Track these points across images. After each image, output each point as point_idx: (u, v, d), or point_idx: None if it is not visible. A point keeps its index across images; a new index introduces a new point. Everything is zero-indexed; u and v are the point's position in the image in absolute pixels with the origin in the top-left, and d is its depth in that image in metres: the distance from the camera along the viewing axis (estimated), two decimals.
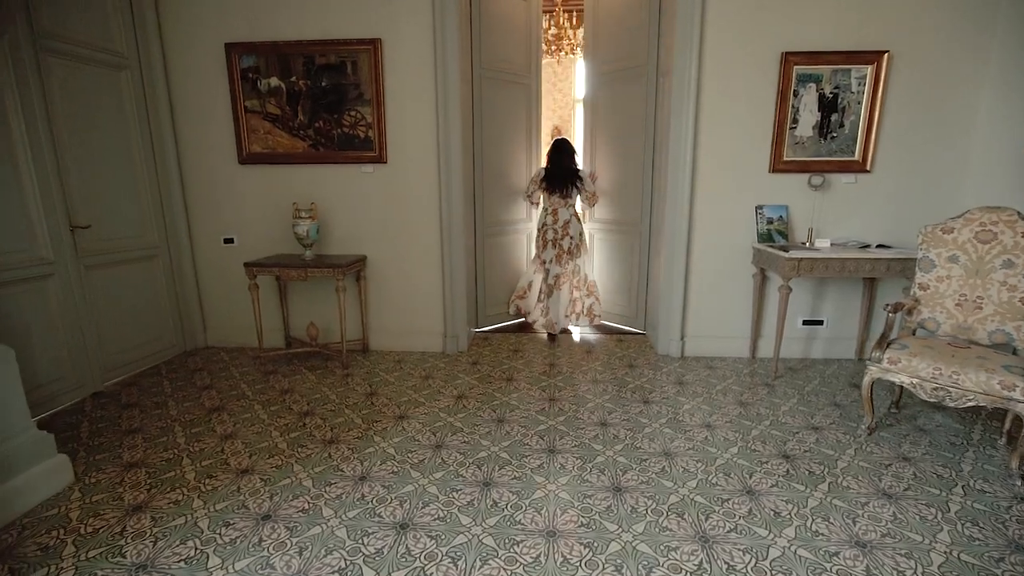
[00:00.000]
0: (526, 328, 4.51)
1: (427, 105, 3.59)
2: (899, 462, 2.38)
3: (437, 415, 2.88)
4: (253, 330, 3.79)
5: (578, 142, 4.91)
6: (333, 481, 2.24)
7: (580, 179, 4.14)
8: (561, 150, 4.16)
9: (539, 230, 4.23)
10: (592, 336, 4.33)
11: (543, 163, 4.38)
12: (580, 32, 6.49)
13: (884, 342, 2.54)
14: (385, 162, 3.69)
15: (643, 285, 4.30)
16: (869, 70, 3.31)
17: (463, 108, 3.72)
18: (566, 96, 8.79)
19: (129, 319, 3.48)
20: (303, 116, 3.65)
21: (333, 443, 2.58)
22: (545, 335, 4.31)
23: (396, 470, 2.33)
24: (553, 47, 6.31)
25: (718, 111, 3.46)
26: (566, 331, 4.40)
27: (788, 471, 2.31)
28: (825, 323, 3.73)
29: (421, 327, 3.95)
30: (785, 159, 3.48)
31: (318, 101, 3.62)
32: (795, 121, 3.42)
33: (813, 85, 3.37)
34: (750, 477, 2.26)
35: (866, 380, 2.54)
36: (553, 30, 6.54)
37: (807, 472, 2.30)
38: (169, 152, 3.73)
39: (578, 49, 6.44)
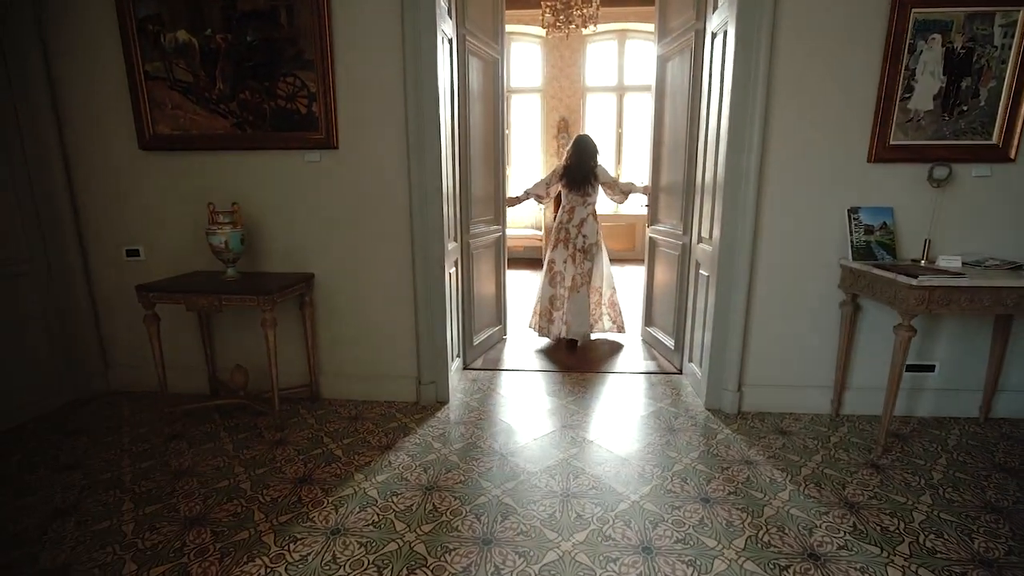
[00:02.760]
0: (525, 356, 3.52)
1: (392, 69, 2.61)
2: None
3: (391, 527, 1.89)
4: (172, 368, 2.82)
5: (600, 139, 4.28)
6: None
7: (596, 176, 3.84)
8: (582, 146, 3.86)
9: (555, 229, 3.94)
10: (617, 378, 3.33)
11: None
12: None
13: None
14: (335, 147, 2.70)
15: (684, 314, 3.30)
16: (1022, 15, 2.31)
17: (443, 75, 2.73)
18: (575, 84, 7.80)
19: None
20: (223, 84, 2.67)
21: None
22: (564, 342, 3.95)
23: None
24: (560, 16, 5.29)
25: (797, 80, 2.46)
26: (580, 339, 3.93)
27: None
28: (936, 369, 2.73)
29: (387, 369, 2.97)
30: (892, 143, 2.48)
31: (243, 63, 2.64)
32: (909, 90, 2.43)
33: (938, 37, 2.37)
34: None
35: None
36: None
37: None
38: (47, 134, 2.76)
39: (592, 22, 5.42)
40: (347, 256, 2.85)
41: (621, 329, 4.02)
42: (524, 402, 2.95)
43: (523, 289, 6.04)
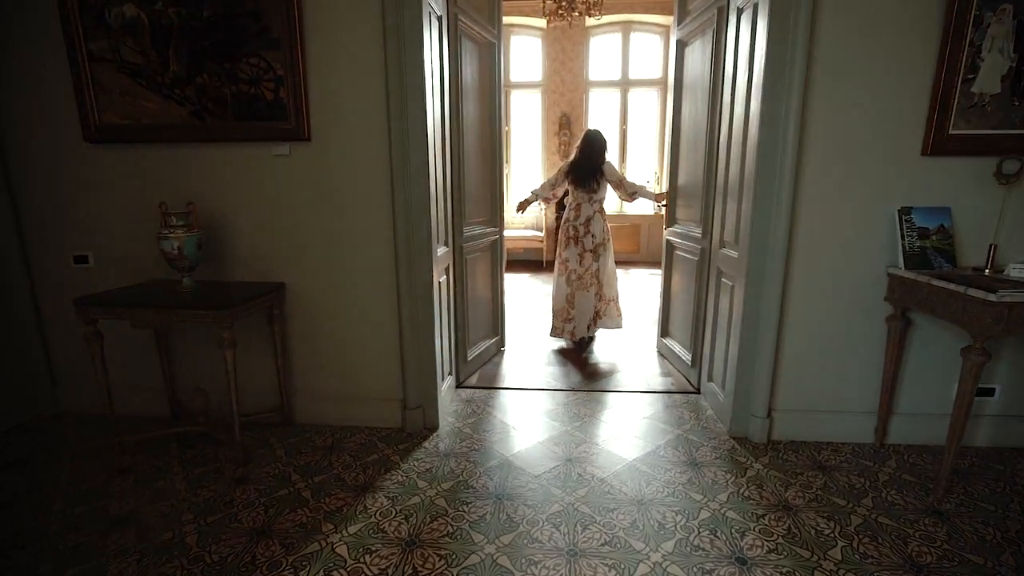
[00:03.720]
0: (525, 371, 3.18)
1: (371, 48, 2.26)
2: None
3: None
4: (128, 389, 2.50)
5: (607, 135, 3.93)
6: None
7: (602, 173, 3.71)
8: (591, 141, 3.73)
9: (562, 227, 3.87)
10: (629, 398, 2.98)
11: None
12: None
13: None
14: (306, 138, 2.36)
15: (703, 327, 2.95)
16: None
17: (430, 57, 2.39)
18: (577, 78, 7.45)
19: None
20: (177, 66, 2.32)
21: None
22: (572, 344, 3.91)
23: None
24: (563, 2, 4.93)
25: (841, 60, 2.12)
26: (591, 339, 3.94)
27: None
28: (997, 393, 2.38)
29: (369, 391, 2.62)
30: (952, 132, 2.13)
31: (199, 41, 2.29)
32: (973, 70, 2.08)
33: (1008, 8, 2.02)
34: None
35: None
36: None
37: None
38: None
39: (596, 10, 5.06)
40: (322, 263, 2.50)
41: (619, 325, 3.96)
42: (523, 428, 2.60)
43: (523, 294, 5.69)
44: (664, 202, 3.68)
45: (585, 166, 3.69)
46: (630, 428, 2.59)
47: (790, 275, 2.31)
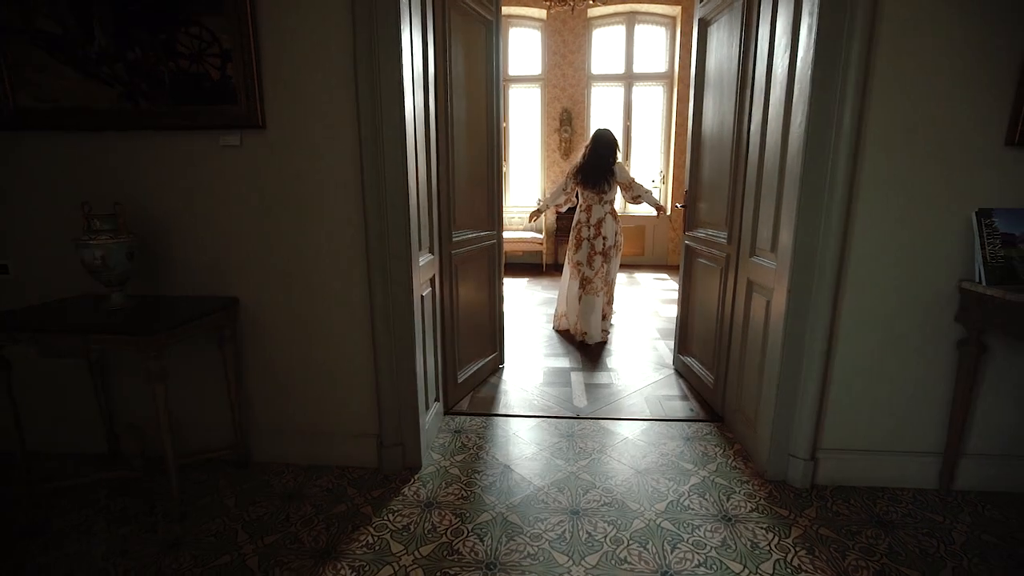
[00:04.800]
0: (525, 392, 2.78)
1: (336, 15, 1.87)
2: None
3: None
4: (61, 422, 2.11)
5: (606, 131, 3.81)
6: None
7: (612, 173, 3.64)
8: (600, 141, 3.65)
9: (573, 228, 3.82)
10: (643, 428, 2.59)
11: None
12: None
13: None
14: (261, 125, 1.96)
15: (727, 346, 2.56)
16: None
17: (410, 32, 2.00)
18: (578, 72, 7.05)
19: None
20: (103, 37, 1.93)
21: None
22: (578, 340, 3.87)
23: None
24: None
25: (909, 27, 1.73)
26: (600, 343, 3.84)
27: None
28: None
29: (338, 425, 2.23)
30: None
31: (127, 6, 1.90)
32: None
33: None
34: None
35: None
36: None
37: None
38: None
39: None
40: (281, 275, 2.10)
41: (610, 325, 4.07)
42: (522, 468, 2.20)
43: (522, 300, 5.30)
44: (665, 212, 3.87)
45: (595, 167, 3.63)
46: (647, 468, 2.20)
47: (841, 290, 1.92)
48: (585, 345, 3.83)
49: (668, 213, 7.22)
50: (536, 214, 3.94)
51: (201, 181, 2.04)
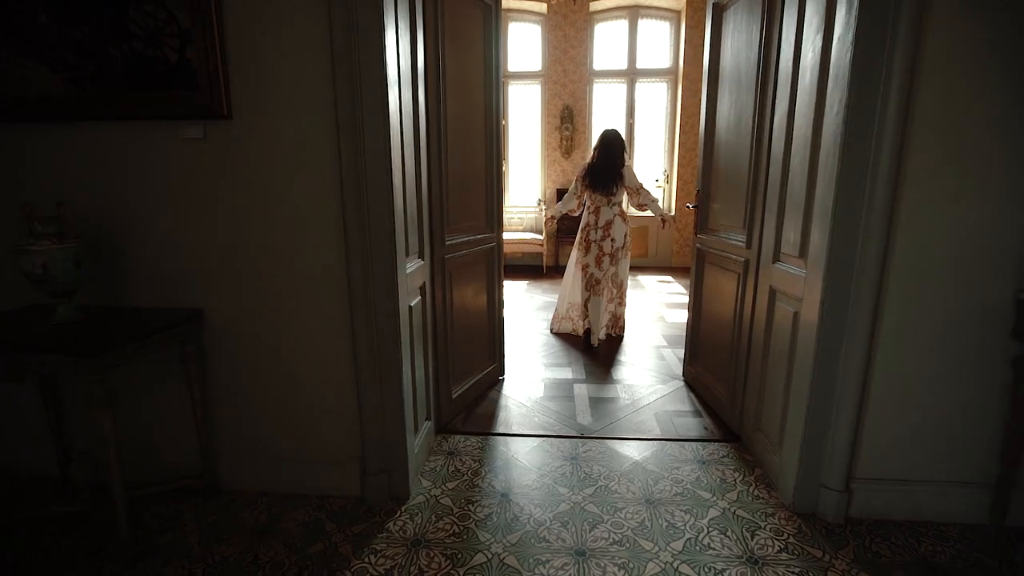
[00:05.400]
0: (526, 407, 2.56)
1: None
2: None
3: None
4: (16, 440, 1.90)
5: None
6: None
7: (621, 176, 3.58)
8: (609, 142, 3.60)
9: (582, 230, 3.77)
10: (653, 448, 2.36)
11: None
12: None
13: None
14: (226, 115, 1.73)
15: (745, 360, 2.33)
16: None
17: (395, 15, 1.77)
18: (580, 68, 6.83)
19: None
20: (45, 15, 1.70)
21: None
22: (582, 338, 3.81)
23: None
24: None
25: (963, 18, 1.51)
26: (603, 341, 3.81)
27: None
28: None
29: (317, 449, 2.00)
30: None
31: None
32: None
33: None
34: None
35: None
36: None
37: None
38: None
39: None
40: (252, 284, 1.88)
41: (620, 334, 3.98)
42: (520, 498, 1.98)
43: (522, 305, 5.08)
44: (669, 225, 3.83)
45: (604, 168, 3.57)
46: (660, 497, 1.98)
47: (882, 300, 1.70)
48: (588, 349, 3.66)
49: (673, 215, 7.00)
50: (551, 220, 4.04)
51: (161, 179, 1.82)
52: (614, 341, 3.89)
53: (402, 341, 1.88)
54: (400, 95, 1.82)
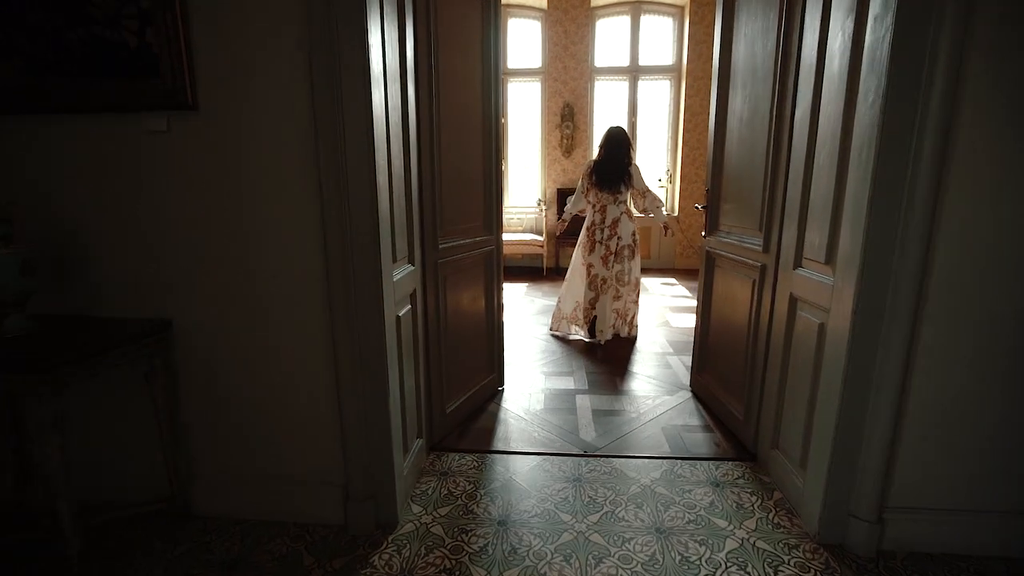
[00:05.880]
0: (527, 420, 2.39)
1: None
2: None
3: None
4: None
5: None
6: None
7: (629, 175, 3.55)
8: (614, 139, 3.56)
9: (587, 229, 3.72)
10: (662, 467, 2.19)
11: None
12: None
13: None
14: (192, 105, 1.57)
15: (761, 372, 2.16)
16: None
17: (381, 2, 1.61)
18: (581, 65, 6.66)
19: None
20: None
21: None
22: (585, 340, 3.82)
23: None
24: None
25: None
26: (611, 340, 3.76)
27: None
28: None
29: (296, 470, 1.84)
30: None
31: None
32: None
33: None
34: None
35: None
36: None
37: None
38: None
39: None
40: (225, 292, 1.71)
41: (632, 335, 3.89)
42: (519, 527, 1.81)
43: (521, 307, 4.91)
44: (672, 233, 3.85)
45: (610, 165, 3.52)
46: (671, 526, 1.80)
47: (923, 311, 1.53)
48: (591, 355, 3.53)
49: (676, 215, 6.84)
50: (563, 223, 3.99)
51: (125, 176, 1.65)
52: (624, 343, 3.78)
53: (388, 355, 1.71)
54: (386, 90, 1.65)
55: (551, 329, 4.04)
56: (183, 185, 1.64)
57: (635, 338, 3.89)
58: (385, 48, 1.63)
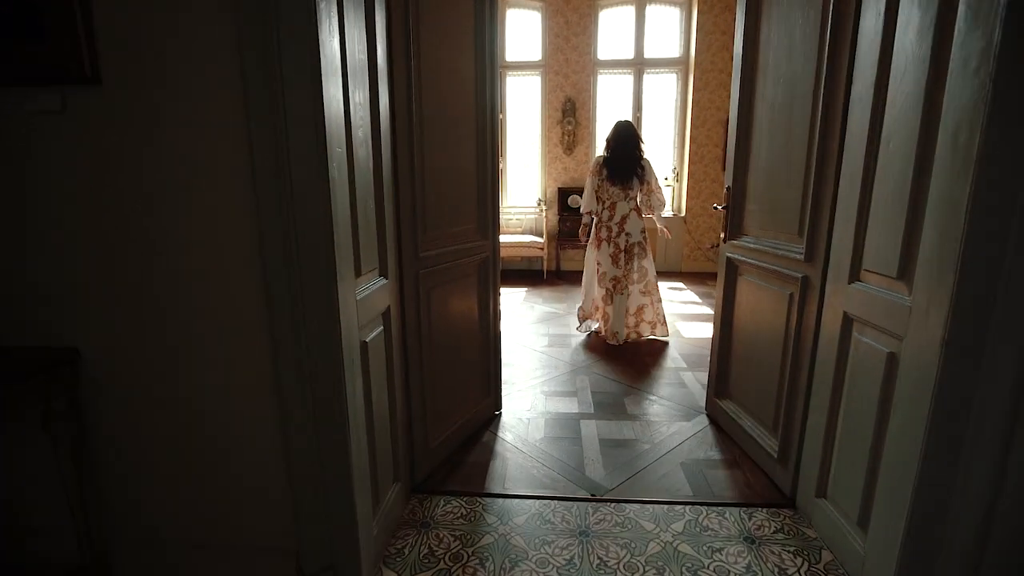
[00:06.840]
0: (526, 454, 2.04)
1: None
2: None
3: None
4: None
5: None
6: None
7: (642, 168, 3.50)
8: (624, 133, 3.50)
9: (595, 227, 3.69)
10: (682, 515, 1.84)
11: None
12: None
13: None
14: (92, 79, 1.22)
15: (802, 404, 1.81)
16: None
17: None
18: (583, 57, 6.30)
19: None
20: None
21: None
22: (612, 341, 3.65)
23: None
24: None
25: None
26: (628, 342, 3.68)
27: None
28: None
29: (237, 538, 1.49)
30: None
31: None
32: None
33: None
34: None
35: None
36: None
37: None
38: None
39: None
40: (144, 315, 1.36)
41: (664, 334, 3.78)
42: None
43: (519, 315, 4.55)
44: (668, 235, 3.73)
45: (621, 160, 3.46)
46: None
47: None
48: (597, 369, 3.25)
49: (683, 216, 6.50)
50: (587, 229, 3.79)
51: (13, 168, 1.30)
52: (641, 348, 3.65)
53: (347, 388, 1.37)
54: (346, 81, 1.30)
55: (579, 330, 3.97)
56: (86, 180, 1.29)
57: (667, 342, 3.77)
58: (343, 34, 1.28)
